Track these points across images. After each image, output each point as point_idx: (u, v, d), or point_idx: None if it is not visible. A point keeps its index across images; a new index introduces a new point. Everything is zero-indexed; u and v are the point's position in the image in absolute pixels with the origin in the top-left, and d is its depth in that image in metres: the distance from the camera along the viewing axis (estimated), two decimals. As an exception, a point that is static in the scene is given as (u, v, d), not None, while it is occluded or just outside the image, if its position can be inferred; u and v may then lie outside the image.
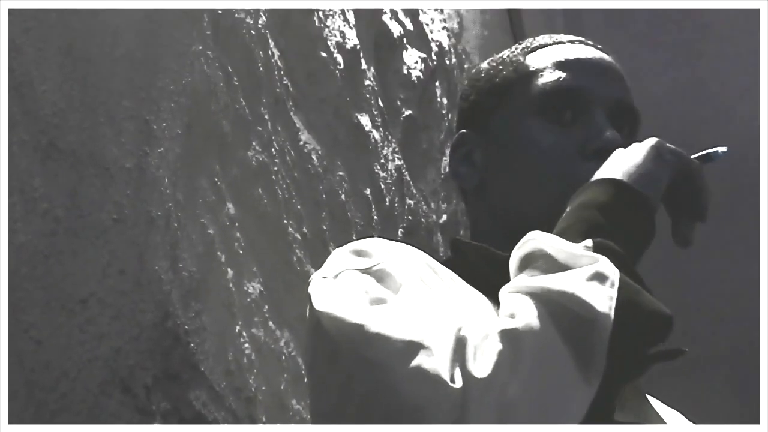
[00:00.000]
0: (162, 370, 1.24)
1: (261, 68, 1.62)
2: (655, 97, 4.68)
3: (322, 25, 1.87)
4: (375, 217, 2.03)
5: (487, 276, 1.18)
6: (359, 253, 1.15)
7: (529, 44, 1.36)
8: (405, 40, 2.33)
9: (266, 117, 1.62)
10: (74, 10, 1.18)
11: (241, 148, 1.52)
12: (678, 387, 2.45)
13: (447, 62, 2.64)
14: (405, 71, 2.32)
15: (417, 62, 2.38)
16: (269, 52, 1.66)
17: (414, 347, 0.99)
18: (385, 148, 2.13)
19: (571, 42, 1.34)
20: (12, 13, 1.09)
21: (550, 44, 1.34)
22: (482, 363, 0.97)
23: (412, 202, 2.26)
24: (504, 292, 1.05)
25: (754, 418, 3.50)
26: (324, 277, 1.14)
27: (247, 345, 1.44)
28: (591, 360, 0.98)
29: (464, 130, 1.36)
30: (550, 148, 1.26)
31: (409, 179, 2.27)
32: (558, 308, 1.00)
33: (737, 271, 4.02)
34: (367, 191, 2.01)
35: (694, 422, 1.32)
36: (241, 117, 1.53)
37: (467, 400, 0.96)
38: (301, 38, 1.80)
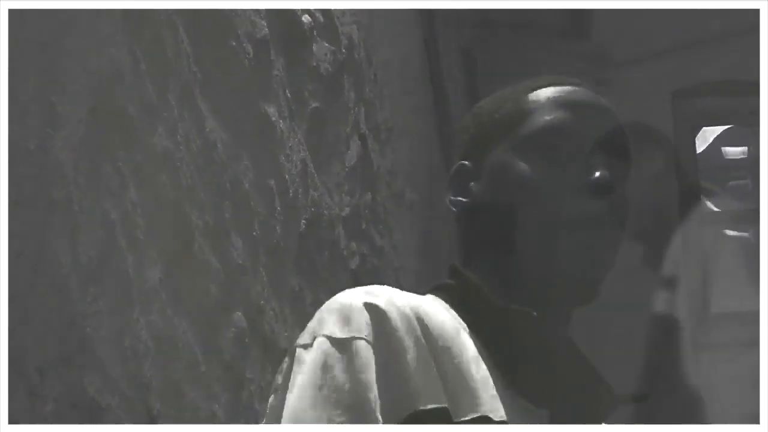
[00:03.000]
0: (56, 354, 1.23)
1: (170, 54, 1.62)
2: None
3: (233, 14, 1.87)
4: (278, 208, 2.03)
5: (475, 314, 1.28)
6: (345, 319, 1.22)
7: (531, 83, 1.42)
8: (315, 32, 2.33)
9: (173, 103, 1.61)
10: (-19, -13, 1.16)
11: (147, 133, 1.52)
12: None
13: (356, 55, 2.65)
14: (314, 63, 2.32)
15: (326, 54, 2.39)
16: (179, 38, 1.66)
17: None
18: (291, 139, 2.14)
19: (571, 84, 1.41)
20: None
21: (551, 85, 1.41)
22: None
23: (315, 194, 2.27)
24: None
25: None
26: (302, 345, 1.24)
27: (144, 332, 1.44)
28: None
29: (464, 162, 1.41)
30: (543, 185, 1.32)
31: (313, 171, 2.28)
32: None
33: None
34: (271, 182, 2.01)
35: None
36: (147, 102, 1.52)
37: None
38: (211, 26, 1.80)
